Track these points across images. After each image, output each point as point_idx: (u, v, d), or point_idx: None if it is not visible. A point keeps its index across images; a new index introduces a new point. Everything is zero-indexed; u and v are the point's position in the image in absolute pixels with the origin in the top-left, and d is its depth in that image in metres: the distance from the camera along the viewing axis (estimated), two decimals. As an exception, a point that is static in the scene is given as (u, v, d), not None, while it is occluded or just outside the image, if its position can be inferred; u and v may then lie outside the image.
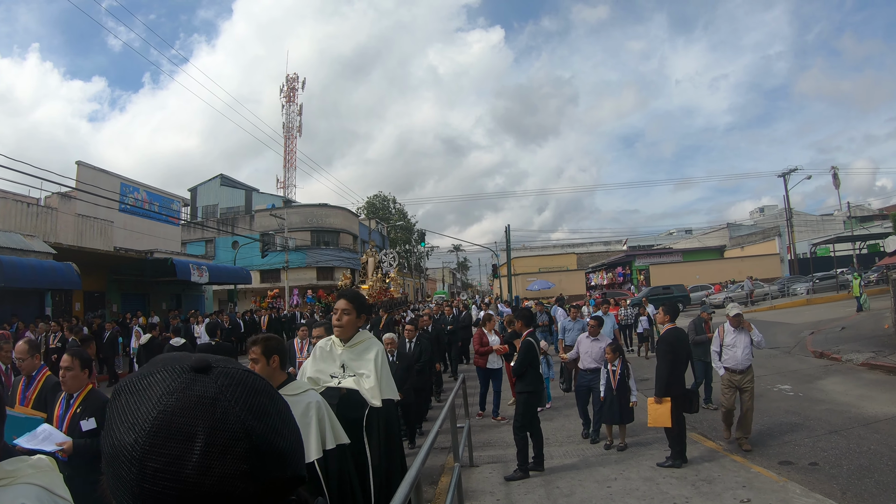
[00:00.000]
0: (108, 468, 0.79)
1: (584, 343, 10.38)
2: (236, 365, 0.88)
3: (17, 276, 18.33)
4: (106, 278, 27.31)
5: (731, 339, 9.20)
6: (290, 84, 73.49)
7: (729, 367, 9.14)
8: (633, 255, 64.63)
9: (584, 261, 75.05)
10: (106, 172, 31.73)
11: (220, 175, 63.19)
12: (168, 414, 0.76)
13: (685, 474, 7.68)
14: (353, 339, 4.69)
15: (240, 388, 0.82)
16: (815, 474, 7.49)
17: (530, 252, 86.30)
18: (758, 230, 63.35)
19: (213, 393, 0.79)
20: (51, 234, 25.48)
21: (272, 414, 0.82)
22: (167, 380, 0.81)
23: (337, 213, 56.97)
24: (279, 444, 0.81)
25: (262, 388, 0.85)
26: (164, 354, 0.91)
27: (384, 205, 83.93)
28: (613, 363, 9.44)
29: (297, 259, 49.09)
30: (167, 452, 0.74)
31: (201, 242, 53.71)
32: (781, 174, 46.42)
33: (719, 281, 45.35)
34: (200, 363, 0.84)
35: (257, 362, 3.94)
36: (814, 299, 35.63)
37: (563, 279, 59.41)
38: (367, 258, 24.55)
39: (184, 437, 0.74)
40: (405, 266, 74.82)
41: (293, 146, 71.63)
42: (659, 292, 37.97)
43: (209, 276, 29.18)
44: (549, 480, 7.86)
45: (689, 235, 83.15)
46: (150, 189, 36.09)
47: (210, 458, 0.74)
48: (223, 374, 0.83)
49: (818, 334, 19.72)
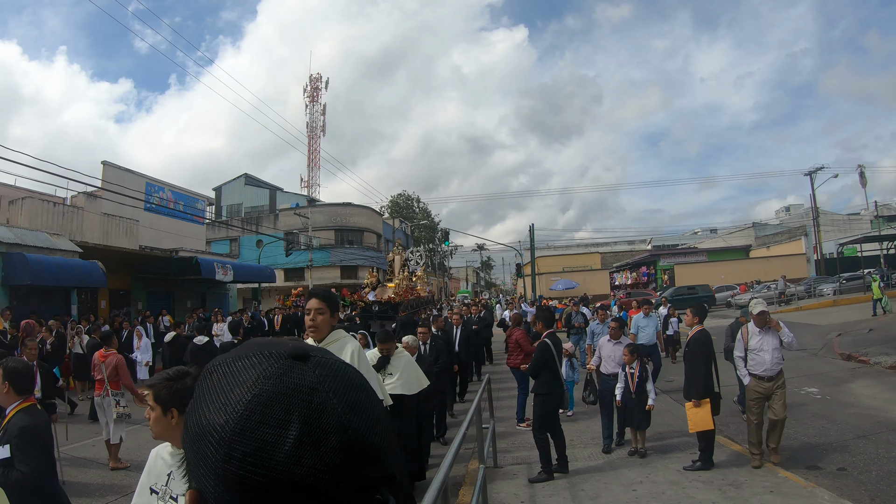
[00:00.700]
0: (192, 447, 0.78)
1: (606, 347, 9.90)
2: (333, 356, 0.86)
3: (43, 274, 18.53)
4: (131, 277, 27.48)
5: (756, 342, 8.24)
6: (314, 84, 73.77)
7: (756, 373, 8.20)
8: (657, 254, 64.22)
9: (609, 260, 74.57)
10: (131, 172, 31.99)
11: (245, 174, 63.57)
12: (263, 399, 0.74)
13: (712, 478, 7.59)
14: (327, 338, 4.52)
15: (338, 380, 0.80)
16: (843, 480, 7.37)
17: (554, 251, 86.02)
18: (784, 230, 62.58)
19: (311, 382, 0.77)
20: (77, 232, 25.72)
21: (368, 409, 0.80)
22: (263, 364, 0.79)
23: (361, 212, 57.10)
24: (373, 440, 0.79)
25: (358, 383, 0.83)
26: (258, 339, 0.89)
27: (408, 204, 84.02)
28: (631, 365, 9.06)
29: (321, 258, 49.29)
30: (258, 437, 0.72)
31: (226, 241, 54.09)
32: (807, 173, 45.89)
33: (745, 281, 44.77)
34: (298, 351, 0.82)
35: None
36: (840, 300, 35.15)
37: (587, 279, 59.23)
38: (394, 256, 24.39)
39: (277, 424, 0.73)
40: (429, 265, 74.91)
41: (317, 146, 71.93)
42: (684, 292, 37.68)
43: (234, 274, 29.29)
44: (574, 483, 7.81)
45: (714, 235, 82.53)
46: (175, 188, 36.35)
47: (303, 449, 0.72)
48: (321, 363, 0.81)
49: (845, 336, 19.45)
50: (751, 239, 63.92)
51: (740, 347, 8.54)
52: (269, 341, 0.86)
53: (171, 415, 2.88)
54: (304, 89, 74.19)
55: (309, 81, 73.99)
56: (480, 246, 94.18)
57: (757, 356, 8.26)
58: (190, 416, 0.80)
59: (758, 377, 8.21)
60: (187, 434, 0.80)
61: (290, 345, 0.84)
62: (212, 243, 48.37)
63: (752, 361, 8.31)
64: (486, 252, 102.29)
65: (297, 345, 0.84)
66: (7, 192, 28.38)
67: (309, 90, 73.64)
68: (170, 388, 2.89)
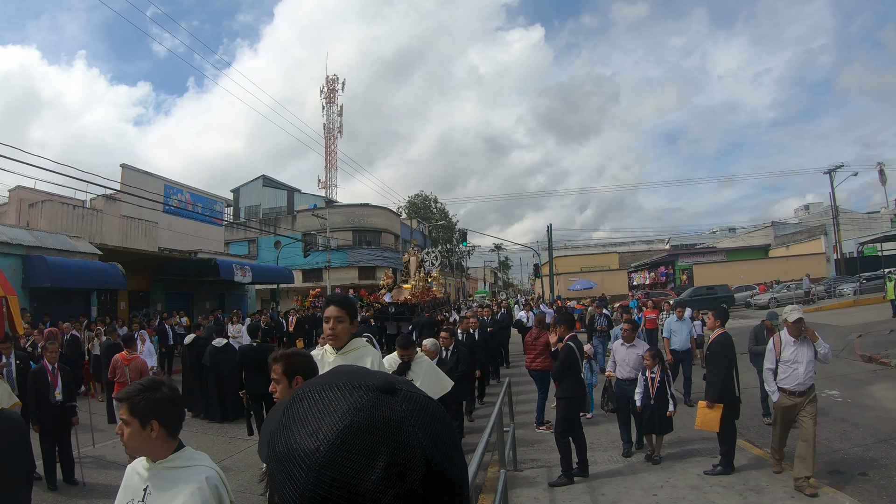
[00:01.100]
0: (279, 466, 0.82)
1: (619, 351, 9.67)
2: (417, 390, 0.89)
3: (63, 276, 18.69)
4: (151, 278, 27.70)
5: (790, 353, 7.58)
6: (330, 85, 74.12)
7: (787, 387, 7.57)
8: (675, 254, 63.94)
9: (627, 260, 74.25)
10: (150, 175, 32.31)
11: (263, 176, 63.82)
12: (354, 430, 0.78)
13: (733, 483, 7.53)
14: (347, 346, 4.36)
15: (423, 415, 0.83)
16: (865, 485, 7.29)
17: (572, 251, 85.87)
18: (803, 228, 61.71)
19: (399, 416, 0.81)
20: (96, 235, 25.96)
21: (448, 443, 0.84)
22: (354, 395, 0.83)
23: (378, 212, 57.20)
24: (452, 472, 0.82)
25: (440, 417, 0.87)
26: (346, 367, 0.95)
27: (425, 204, 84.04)
28: (652, 370, 8.75)
29: (338, 259, 49.38)
30: (348, 466, 0.75)
31: (244, 242, 54.37)
32: (827, 171, 45.37)
33: (764, 281, 44.49)
34: (386, 384, 0.86)
35: (279, 383, 3.60)
36: (861, 300, 34.66)
37: (606, 279, 59.00)
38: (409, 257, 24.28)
39: (366, 455, 0.76)
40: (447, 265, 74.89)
41: (334, 146, 72.23)
42: (702, 293, 37.49)
43: (252, 275, 29.44)
44: (594, 487, 7.77)
45: (733, 234, 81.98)
46: (194, 190, 36.63)
47: (389, 479, 0.75)
48: (407, 398, 0.85)
49: (866, 337, 19.27)
50: (770, 238, 63.48)
51: (771, 359, 7.83)
52: (358, 371, 0.91)
53: (151, 427, 2.75)
54: (320, 91, 74.68)
55: (326, 83, 74.40)
56: (498, 246, 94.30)
57: (790, 369, 7.60)
58: (278, 437, 0.84)
59: (788, 392, 7.60)
60: (273, 454, 0.84)
61: (379, 378, 0.88)
62: (230, 245, 48.67)
63: (783, 374, 7.68)
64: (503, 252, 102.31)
65: (386, 378, 0.88)
66: (27, 195, 28.67)
67: (326, 91, 74.00)
68: (148, 400, 2.75)
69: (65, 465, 8.60)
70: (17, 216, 28.40)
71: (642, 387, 8.80)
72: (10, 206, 30.24)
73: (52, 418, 8.46)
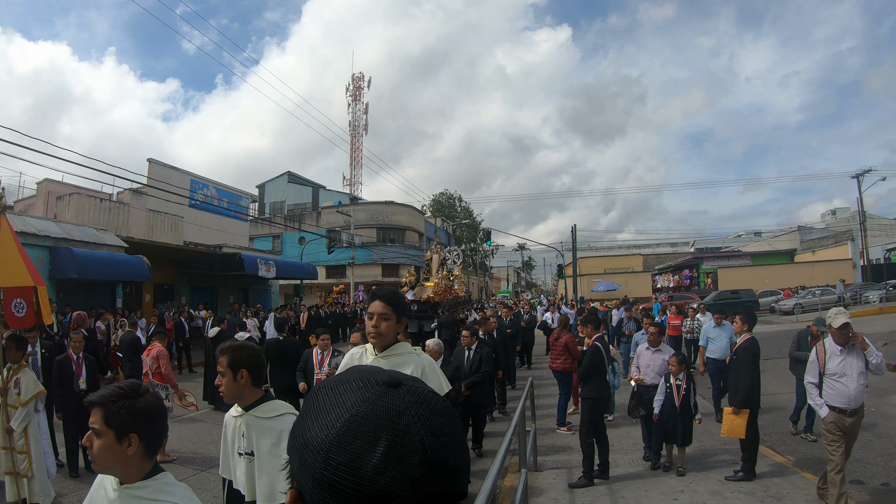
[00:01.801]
0: (297, 455, 0.90)
1: (645, 355, 9.22)
2: (423, 385, 0.96)
3: (89, 268, 18.88)
4: (175, 272, 27.95)
5: (837, 365, 6.55)
6: (356, 83, 74.37)
7: (836, 405, 6.51)
8: (700, 257, 63.46)
9: (651, 262, 73.87)
10: (176, 169, 32.57)
11: (288, 172, 64.24)
12: (358, 418, 0.86)
13: (754, 489, 7.44)
14: (391, 349, 3.92)
15: (423, 407, 0.90)
16: (886, 496, 7.25)
17: (596, 252, 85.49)
18: (829, 234, 61.03)
19: (400, 407, 0.88)
20: (123, 228, 26.23)
21: (448, 434, 0.90)
22: (362, 389, 0.91)
23: (403, 210, 57.39)
24: (450, 460, 0.88)
25: (442, 410, 0.93)
26: (360, 366, 1.02)
27: (450, 203, 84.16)
28: (678, 377, 8.33)
29: (362, 255, 49.59)
30: (351, 449, 0.83)
31: (268, 238, 54.74)
32: (855, 175, 44.83)
33: (789, 286, 43.86)
34: (392, 379, 0.93)
35: (223, 375, 3.42)
36: (887, 308, 33.93)
37: (629, 281, 58.60)
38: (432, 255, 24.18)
39: (368, 440, 0.83)
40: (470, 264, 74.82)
41: (359, 144, 72.50)
42: (727, 297, 37.03)
43: (276, 271, 29.58)
44: (614, 489, 7.72)
45: (759, 238, 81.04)
46: (220, 185, 36.86)
47: (387, 462, 0.82)
48: (411, 391, 0.92)
49: (892, 345, 18.96)
50: (796, 243, 62.56)
51: (813, 371, 6.83)
52: (369, 369, 0.97)
53: (129, 442, 2.33)
54: (346, 88, 75.03)
55: (351, 81, 74.64)
56: (522, 246, 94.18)
57: (838, 383, 6.54)
58: (296, 428, 0.94)
59: (839, 410, 6.55)
60: (293, 444, 0.93)
61: (387, 374, 0.95)
62: (255, 240, 48.97)
63: (830, 390, 6.61)
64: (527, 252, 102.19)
65: (392, 374, 0.95)
66: (55, 188, 29.05)
67: (352, 89, 74.29)
68: (129, 409, 2.32)
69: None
70: (45, 208, 28.78)
71: (663, 394, 8.43)
72: (38, 198, 30.64)
73: (76, 407, 8.55)
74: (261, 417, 3.44)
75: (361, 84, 74.49)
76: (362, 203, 58.57)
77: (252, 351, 3.53)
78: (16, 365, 7.44)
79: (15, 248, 7.50)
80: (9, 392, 7.18)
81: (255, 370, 3.48)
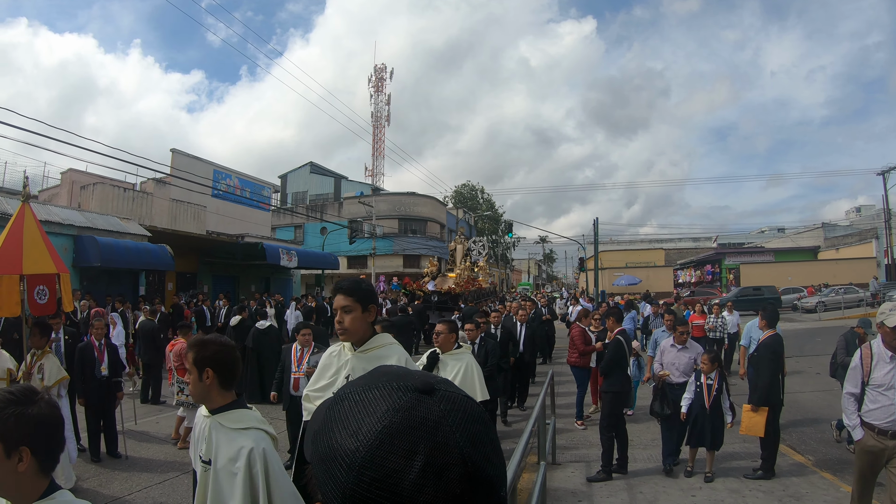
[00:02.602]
0: (321, 466, 0.85)
1: (669, 353, 8.72)
2: (456, 389, 0.91)
3: (113, 256, 19.01)
4: (198, 260, 28.06)
5: (885, 374, 5.35)
6: (379, 74, 74.49)
7: (875, 424, 5.38)
8: (722, 252, 62.79)
9: (672, 257, 73.21)
10: (199, 159, 32.75)
11: (310, 163, 64.41)
12: (392, 430, 0.81)
13: (772, 488, 7.37)
14: (369, 342, 3.70)
15: (460, 415, 0.85)
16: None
17: (617, 246, 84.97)
18: (853, 231, 60.09)
19: (436, 417, 0.83)
20: (146, 217, 26.46)
21: (486, 443, 0.85)
22: (392, 396, 0.85)
23: (425, 201, 57.44)
24: (489, 472, 0.84)
25: (478, 416, 0.88)
26: (385, 368, 0.97)
27: (472, 194, 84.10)
28: (709, 376, 7.82)
29: (384, 246, 49.72)
30: (387, 466, 0.78)
31: (290, 228, 55.02)
32: (880, 172, 44.08)
33: (812, 283, 43.37)
34: (425, 385, 0.88)
35: (189, 373, 3.07)
36: (914, 309, 33.27)
37: (650, 275, 58.28)
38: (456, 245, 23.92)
39: (405, 455, 0.79)
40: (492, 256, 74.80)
41: (381, 135, 72.66)
42: (749, 293, 36.66)
43: (298, 260, 29.63)
44: (633, 484, 7.68)
45: (782, 234, 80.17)
46: (242, 176, 37.09)
47: (426, 478, 0.77)
48: (445, 398, 0.87)
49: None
50: (819, 240, 61.58)
51: (856, 380, 5.61)
52: (398, 372, 0.93)
53: (20, 457, 1.95)
54: (368, 80, 75.11)
55: (374, 72, 74.73)
56: (543, 238, 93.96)
57: (882, 397, 5.37)
58: (320, 437, 0.88)
59: (877, 430, 5.38)
60: (316, 453, 0.87)
61: (418, 378, 0.90)
62: (277, 230, 49.21)
63: (871, 405, 5.47)
64: (548, 245, 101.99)
65: (424, 379, 0.90)
66: (79, 178, 29.34)
67: (374, 80, 74.36)
68: (19, 417, 1.96)
69: (108, 438, 8.83)
70: (69, 198, 29.07)
71: (692, 392, 7.95)
72: (62, 188, 30.96)
73: (98, 393, 8.72)
74: (225, 426, 3.04)
75: (384, 75, 74.67)
76: (384, 194, 58.70)
77: (220, 348, 3.10)
78: (40, 351, 7.53)
79: (38, 236, 7.57)
80: (32, 377, 7.26)
81: (223, 370, 3.06)
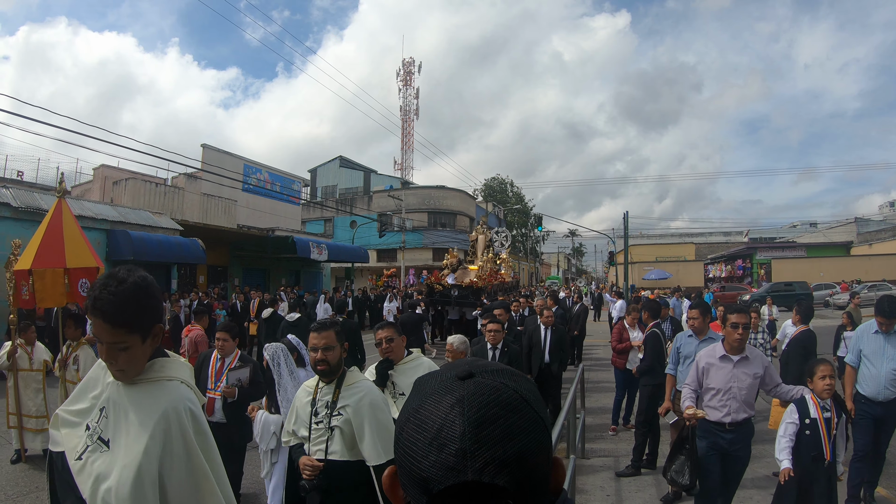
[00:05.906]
0: None
1: (715, 371, 5.30)
2: (493, 379, 0.95)
3: (145, 250, 19.30)
4: (229, 254, 28.42)
5: None
6: (407, 68, 74.50)
7: None
8: (754, 247, 62.01)
9: (703, 251, 72.40)
10: (230, 154, 33.05)
11: (340, 157, 64.52)
12: (423, 409, 0.92)
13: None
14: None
15: (482, 398, 0.91)
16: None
17: (647, 240, 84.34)
18: (887, 226, 58.66)
19: (457, 397, 0.91)
20: (177, 211, 26.71)
21: (500, 426, 0.88)
22: (440, 378, 0.97)
23: (454, 195, 57.37)
24: (493, 452, 0.86)
25: (504, 401, 0.91)
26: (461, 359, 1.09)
27: (502, 188, 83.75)
28: (825, 406, 5.08)
29: (413, 239, 49.78)
30: (409, 435, 0.91)
31: (320, 221, 55.24)
32: (915, 166, 43.26)
33: (845, 279, 42.36)
34: (465, 372, 0.96)
35: None
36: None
37: (681, 269, 57.59)
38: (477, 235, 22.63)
39: (421, 427, 0.90)
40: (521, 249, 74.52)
41: (410, 129, 72.81)
42: (780, 289, 36.13)
43: (328, 254, 29.75)
44: (661, 480, 7.59)
45: (814, 229, 78.80)
46: (272, 170, 37.34)
47: (430, 449, 0.87)
48: (475, 383, 0.93)
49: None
50: (852, 235, 60.33)
51: None
52: (462, 361, 1.01)
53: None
54: (396, 74, 75.14)
55: (402, 65, 74.74)
56: (573, 232, 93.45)
57: None
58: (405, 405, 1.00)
59: None
60: None
61: (466, 365, 0.98)
62: (306, 223, 49.52)
63: None
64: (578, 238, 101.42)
65: (470, 365, 0.98)
66: (111, 174, 29.76)
67: (402, 74, 74.36)
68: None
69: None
70: (101, 193, 29.49)
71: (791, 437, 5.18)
72: (95, 183, 31.40)
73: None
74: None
75: (412, 69, 74.71)
76: (413, 187, 58.76)
77: None
78: (75, 342, 7.72)
79: (77, 230, 7.76)
80: (68, 368, 7.46)
81: None
